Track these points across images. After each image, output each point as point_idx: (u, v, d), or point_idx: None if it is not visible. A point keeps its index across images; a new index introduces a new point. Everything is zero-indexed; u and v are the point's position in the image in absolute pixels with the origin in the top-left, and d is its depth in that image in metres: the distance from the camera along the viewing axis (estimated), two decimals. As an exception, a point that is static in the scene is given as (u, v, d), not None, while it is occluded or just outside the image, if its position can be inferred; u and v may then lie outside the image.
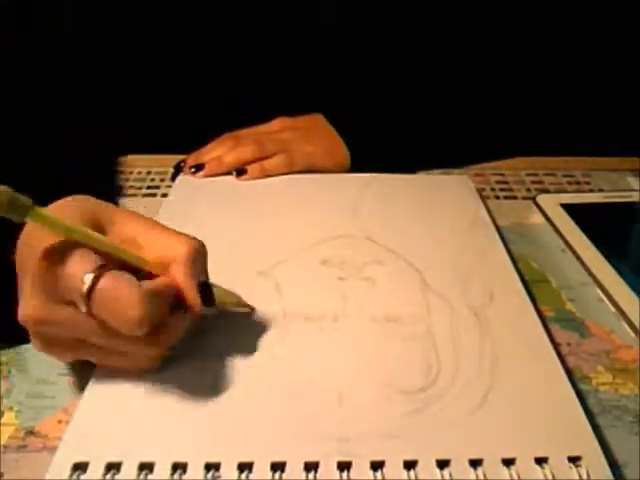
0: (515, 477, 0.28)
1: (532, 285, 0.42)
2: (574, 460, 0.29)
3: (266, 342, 0.35)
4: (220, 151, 0.53)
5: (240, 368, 0.34)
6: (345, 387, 0.32)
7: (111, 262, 0.30)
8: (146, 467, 0.28)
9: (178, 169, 0.53)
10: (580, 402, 0.32)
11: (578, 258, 0.44)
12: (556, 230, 0.47)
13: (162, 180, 0.55)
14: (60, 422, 0.32)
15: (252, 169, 0.52)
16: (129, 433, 0.30)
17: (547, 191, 0.54)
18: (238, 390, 0.32)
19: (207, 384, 0.33)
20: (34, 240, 0.30)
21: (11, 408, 0.33)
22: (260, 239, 0.44)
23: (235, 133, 0.55)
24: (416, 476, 0.28)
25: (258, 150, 0.52)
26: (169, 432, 0.30)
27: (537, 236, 0.48)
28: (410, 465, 0.29)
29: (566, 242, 0.46)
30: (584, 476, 0.28)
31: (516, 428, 0.30)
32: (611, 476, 0.28)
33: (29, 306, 0.29)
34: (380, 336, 0.36)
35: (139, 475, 0.28)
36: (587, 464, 0.29)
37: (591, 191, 0.54)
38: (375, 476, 0.28)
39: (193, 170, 0.52)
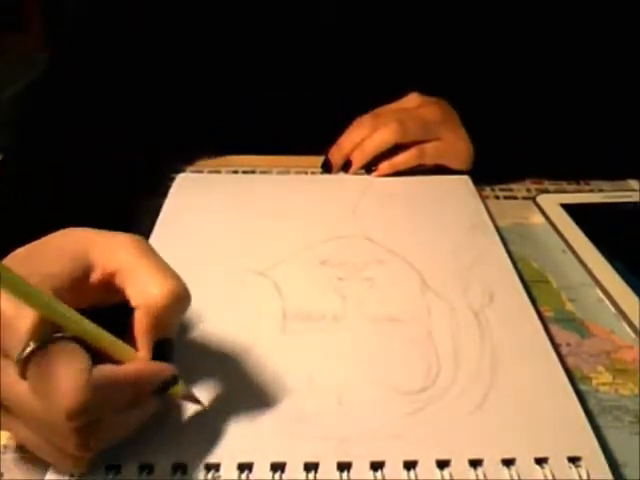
0: (515, 477, 0.28)
1: (532, 285, 0.42)
2: (574, 460, 0.29)
3: (266, 342, 0.35)
4: (360, 134, 0.52)
5: (240, 368, 0.34)
6: (345, 387, 0.32)
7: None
8: (146, 468, 0.28)
9: (326, 168, 0.54)
10: (580, 402, 0.32)
11: (578, 258, 0.44)
12: (556, 230, 0.47)
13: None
14: (60, 422, 0.32)
15: (382, 167, 0.52)
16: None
17: (547, 191, 0.54)
18: (238, 390, 0.32)
19: (207, 384, 0.33)
20: None
21: (11, 408, 0.33)
22: (260, 239, 0.44)
23: (374, 112, 0.53)
24: (416, 476, 0.28)
25: (400, 131, 0.51)
26: (169, 432, 0.30)
27: (537, 236, 0.48)
28: (410, 465, 0.29)
29: (566, 242, 0.46)
30: (584, 476, 0.28)
31: (516, 428, 0.30)
32: (611, 476, 0.28)
33: None
34: (380, 336, 0.36)
35: (139, 475, 0.28)
36: (587, 464, 0.29)
37: (591, 191, 0.54)
38: (375, 476, 0.28)
39: (342, 170, 0.53)
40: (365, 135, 0.52)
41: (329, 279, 0.40)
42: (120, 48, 0.53)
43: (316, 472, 0.28)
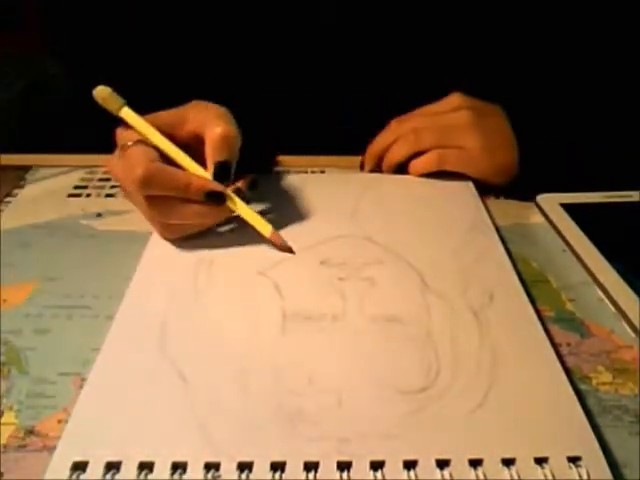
0: (515, 477, 0.28)
1: (532, 285, 0.42)
2: (574, 460, 0.29)
3: (266, 342, 0.35)
4: (386, 140, 0.53)
5: (240, 368, 0.34)
6: (345, 387, 0.32)
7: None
8: (146, 467, 0.28)
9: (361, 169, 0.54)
10: (580, 402, 0.32)
11: (578, 258, 0.44)
12: (556, 230, 0.47)
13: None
14: (60, 422, 0.32)
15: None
16: (129, 432, 0.30)
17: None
18: (238, 390, 0.32)
19: (207, 384, 0.33)
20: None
21: (11, 407, 0.33)
22: (260, 239, 0.44)
23: (402, 117, 0.53)
24: (416, 476, 0.28)
25: (414, 142, 0.51)
26: (169, 432, 0.30)
27: (537, 236, 0.48)
28: (410, 465, 0.29)
29: (566, 242, 0.46)
30: (584, 476, 0.28)
31: (516, 428, 0.30)
32: (611, 476, 0.28)
33: (109, 158, 0.44)
34: (380, 336, 0.36)
35: (139, 475, 0.28)
36: (587, 464, 0.29)
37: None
38: (375, 476, 0.28)
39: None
40: (390, 142, 0.52)
41: (329, 279, 0.40)
42: (120, 48, 0.53)
43: (316, 472, 0.28)
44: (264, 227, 0.43)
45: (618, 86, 0.54)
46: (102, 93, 0.44)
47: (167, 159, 0.43)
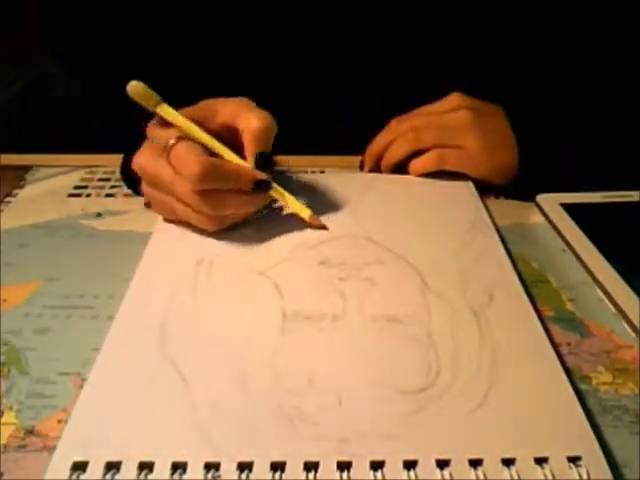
0: (515, 477, 0.28)
1: (532, 285, 0.42)
2: (574, 460, 0.29)
3: (266, 342, 0.35)
4: (386, 139, 0.53)
5: (240, 368, 0.34)
6: (345, 387, 0.32)
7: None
8: (146, 467, 0.28)
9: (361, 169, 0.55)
10: (580, 402, 0.32)
11: (578, 258, 0.44)
12: (556, 230, 0.47)
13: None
14: (60, 422, 0.32)
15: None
16: (129, 432, 0.30)
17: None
18: (238, 390, 0.32)
19: (207, 384, 0.33)
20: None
21: (11, 407, 0.33)
22: (260, 239, 0.44)
23: (401, 117, 0.53)
24: (416, 476, 0.28)
25: (413, 141, 0.51)
26: (169, 432, 0.30)
27: (537, 236, 0.48)
28: (410, 465, 0.29)
29: (566, 242, 0.46)
30: (584, 476, 0.28)
31: (516, 428, 0.30)
32: (611, 476, 0.28)
33: (138, 154, 0.45)
34: (380, 336, 0.36)
35: (139, 475, 0.28)
36: (587, 464, 0.29)
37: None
38: (375, 476, 0.28)
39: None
40: (389, 141, 0.52)
41: (329, 279, 0.40)
42: (119, 47, 0.53)
43: (316, 472, 0.28)
44: (303, 211, 0.46)
45: (618, 86, 0.54)
46: (136, 88, 0.43)
47: (208, 152, 0.43)
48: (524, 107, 0.51)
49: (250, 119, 0.43)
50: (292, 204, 0.46)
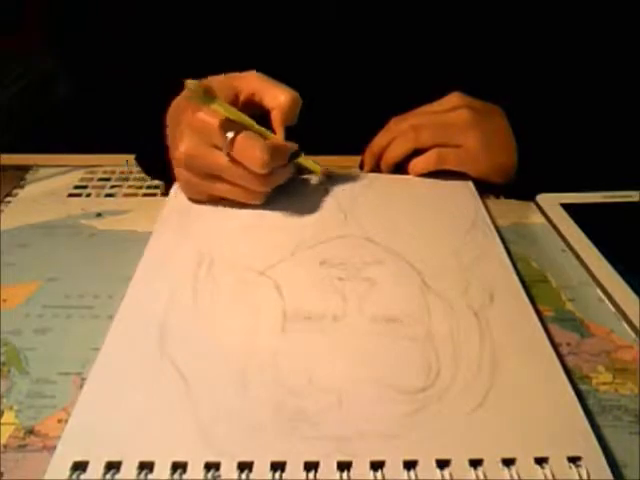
0: (515, 477, 0.28)
1: (532, 285, 0.42)
2: (574, 460, 0.29)
3: (266, 342, 0.35)
4: (386, 138, 0.53)
5: (240, 368, 0.34)
6: (345, 387, 0.32)
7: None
8: (146, 466, 0.28)
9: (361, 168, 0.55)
10: (580, 402, 0.32)
11: (578, 258, 0.44)
12: (556, 230, 0.47)
13: (162, 180, 0.55)
14: (60, 421, 0.32)
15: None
16: (129, 432, 0.30)
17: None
18: (238, 390, 0.32)
19: (207, 384, 0.33)
20: (182, 104, 0.47)
21: (11, 407, 0.33)
22: (260, 239, 0.44)
23: (402, 116, 0.53)
24: (416, 476, 0.28)
25: (413, 140, 0.51)
26: (169, 431, 0.30)
27: (537, 236, 0.48)
28: (410, 465, 0.29)
29: (566, 242, 0.46)
30: (584, 476, 0.28)
31: (516, 428, 0.30)
32: (611, 476, 0.28)
33: (184, 145, 0.45)
34: (380, 336, 0.36)
35: (139, 474, 0.28)
36: (587, 464, 0.29)
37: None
38: (375, 476, 0.28)
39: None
40: (389, 141, 0.52)
41: (329, 279, 0.40)
42: (119, 47, 0.53)
43: (316, 472, 0.28)
44: (316, 168, 0.52)
45: (618, 86, 0.54)
46: (196, 88, 0.44)
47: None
48: (524, 107, 0.51)
49: (277, 95, 0.46)
50: (306, 162, 0.51)
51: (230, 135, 0.43)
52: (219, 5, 0.55)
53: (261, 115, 0.47)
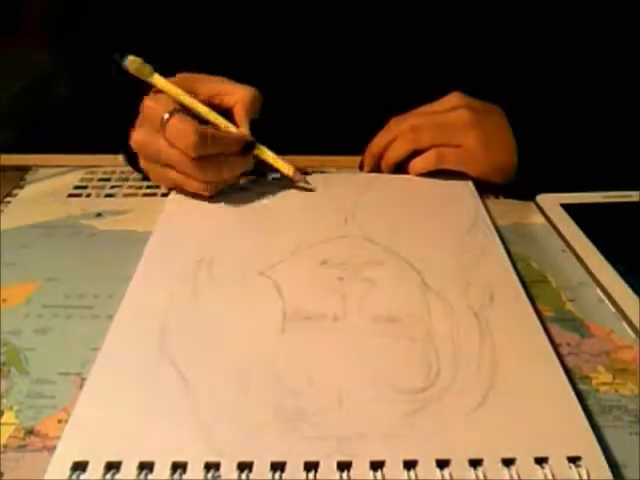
0: (515, 477, 0.28)
1: (532, 285, 0.42)
2: (574, 460, 0.29)
3: (266, 342, 0.35)
4: (386, 139, 0.53)
5: (240, 368, 0.34)
6: (345, 387, 0.32)
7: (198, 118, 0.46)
8: (146, 466, 0.28)
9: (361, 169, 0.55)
10: (580, 402, 0.32)
11: (578, 258, 0.44)
12: (556, 230, 0.47)
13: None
14: (60, 422, 0.32)
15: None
16: (129, 432, 0.30)
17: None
18: (238, 390, 0.32)
19: (207, 384, 0.33)
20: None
21: (11, 408, 0.33)
22: (260, 239, 0.44)
23: (402, 116, 0.53)
24: (416, 476, 0.28)
25: (412, 141, 0.51)
26: (169, 431, 0.30)
27: (537, 236, 0.48)
28: (410, 465, 0.29)
29: (566, 242, 0.46)
30: (584, 476, 0.28)
31: (516, 428, 0.30)
32: (611, 476, 0.28)
33: (135, 133, 0.47)
34: (380, 336, 0.36)
35: (139, 475, 0.28)
36: (587, 464, 0.29)
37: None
38: (375, 476, 0.28)
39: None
40: (389, 141, 0.52)
41: (329, 279, 0.40)
42: (119, 47, 0.53)
43: (316, 472, 0.28)
44: (286, 168, 0.50)
45: (618, 86, 0.54)
46: (135, 63, 0.47)
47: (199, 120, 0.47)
48: (524, 106, 0.51)
49: (237, 91, 0.49)
50: (275, 162, 0.50)
51: (166, 117, 0.44)
52: (219, 5, 0.55)
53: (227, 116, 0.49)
